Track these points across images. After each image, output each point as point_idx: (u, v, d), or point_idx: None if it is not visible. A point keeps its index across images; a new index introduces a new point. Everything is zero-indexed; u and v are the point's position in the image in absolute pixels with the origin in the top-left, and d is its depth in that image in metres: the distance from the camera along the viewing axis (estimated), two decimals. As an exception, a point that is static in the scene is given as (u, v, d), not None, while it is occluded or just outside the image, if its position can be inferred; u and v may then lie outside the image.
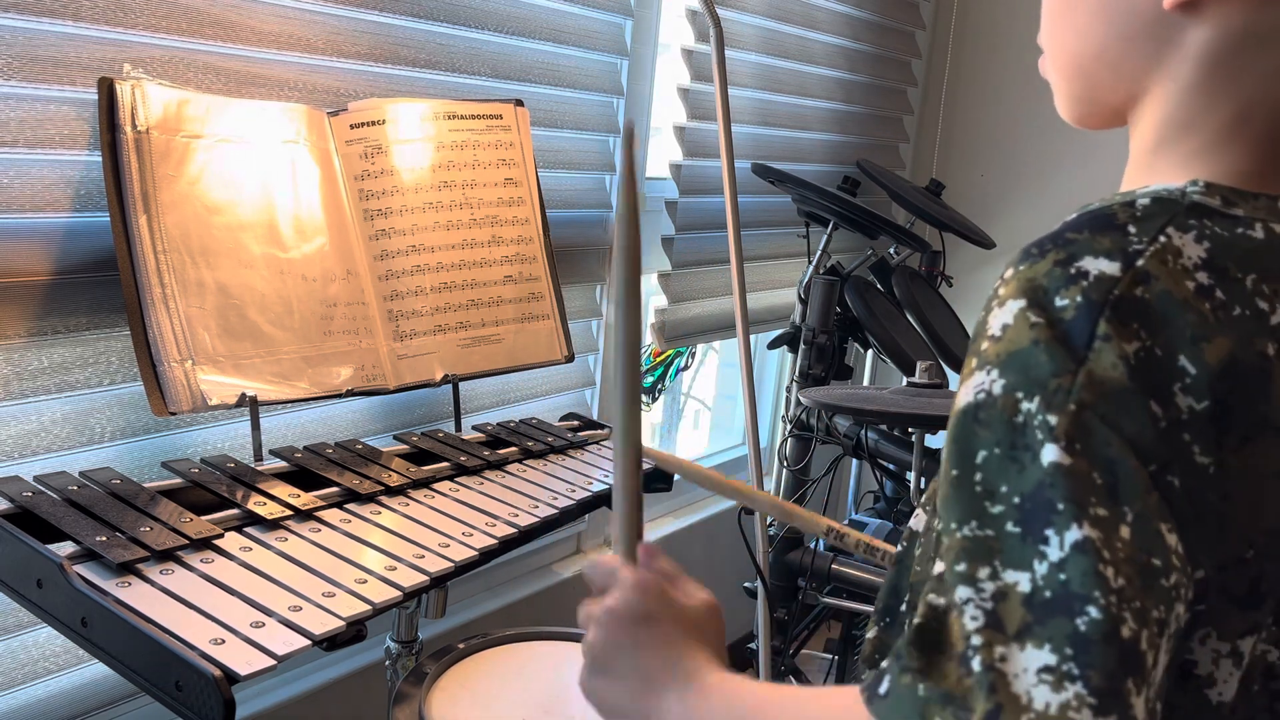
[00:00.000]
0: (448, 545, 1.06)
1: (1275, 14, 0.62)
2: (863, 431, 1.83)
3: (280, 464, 1.18)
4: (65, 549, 0.90)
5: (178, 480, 1.09)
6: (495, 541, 1.10)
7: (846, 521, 2.02)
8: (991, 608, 0.51)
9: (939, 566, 0.55)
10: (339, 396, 1.24)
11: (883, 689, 0.53)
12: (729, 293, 2.14)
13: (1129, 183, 0.68)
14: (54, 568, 0.85)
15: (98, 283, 1.14)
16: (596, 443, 1.46)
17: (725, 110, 1.75)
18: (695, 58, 1.98)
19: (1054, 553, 0.51)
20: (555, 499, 1.23)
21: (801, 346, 2.01)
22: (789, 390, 2.07)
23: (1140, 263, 0.56)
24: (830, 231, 2.07)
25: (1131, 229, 0.59)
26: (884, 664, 0.54)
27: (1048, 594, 0.50)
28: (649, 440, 2.59)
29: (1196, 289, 0.57)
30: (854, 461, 2.46)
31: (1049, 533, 0.51)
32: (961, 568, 0.53)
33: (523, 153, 1.47)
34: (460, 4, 1.51)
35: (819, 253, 2.08)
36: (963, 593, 0.52)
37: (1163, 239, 0.58)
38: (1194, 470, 0.54)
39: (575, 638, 1.29)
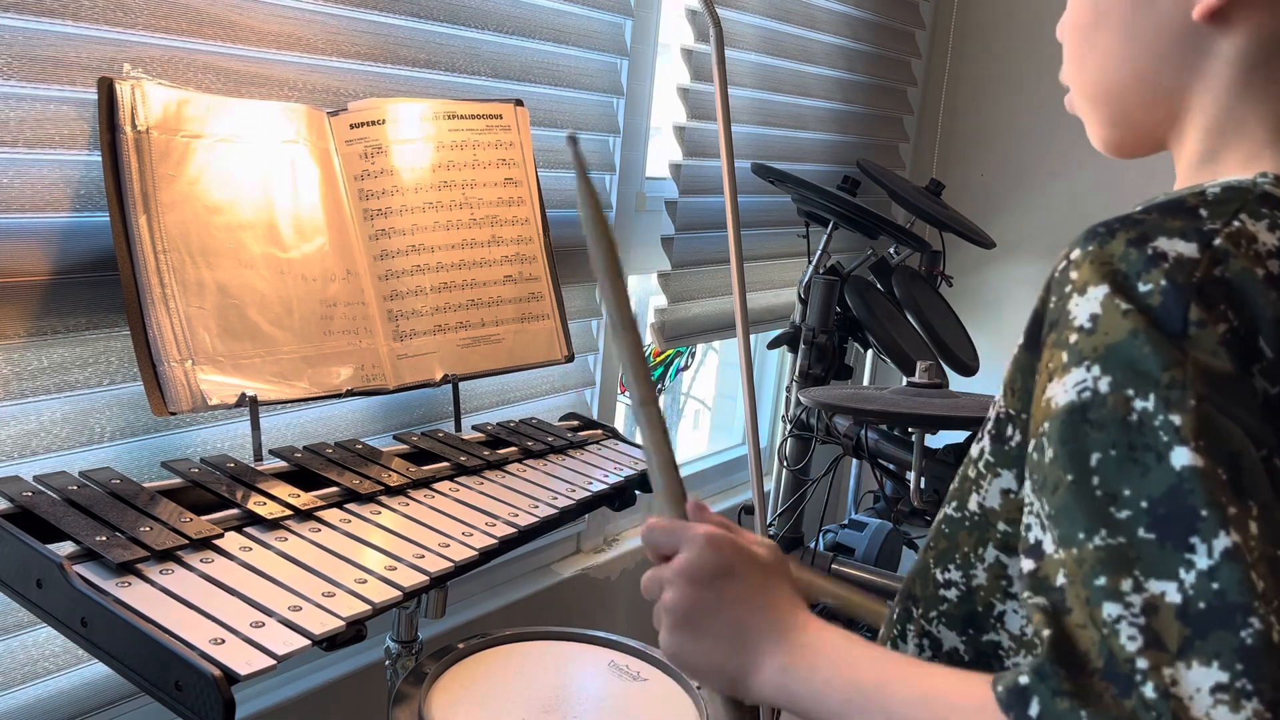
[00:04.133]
0: (448, 545, 1.06)
1: None
2: (863, 431, 1.83)
3: (280, 464, 1.18)
4: (65, 549, 0.90)
5: (178, 480, 1.09)
6: (495, 541, 1.10)
7: (847, 521, 2.02)
8: (1145, 623, 0.50)
9: (1060, 578, 0.53)
10: (339, 396, 1.24)
11: (1033, 711, 0.51)
12: (729, 293, 2.14)
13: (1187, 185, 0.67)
14: (54, 568, 0.85)
15: (98, 283, 1.14)
16: (596, 443, 1.46)
17: (725, 110, 1.75)
18: (695, 58, 1.98)
19: (1202, 561, 0.49)
20: (555, 499, 1.23)
21: (801, 346, 2.01)
22: (789, 390, 2.07)
23: (1217, 242, 0.56)
24: (830, 231, 2.07)
25: (1203, 212, 0.59)
26: (1023, 679, 0.52)
27: (1202, 605, 0.49)
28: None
29: (1267, 276, 0.56)
30: (854, 461, 2.46)
31: (1194, 540, 0.50)
32: (1102, 582, 0.51)
33: (523, 153, 1.47)
34: (460, 4, 1.51)
35: (819, 253, 2.08)
36: (1111, 610, 0.51)
37: (1236, 224, 0.58)
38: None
39: (575, 638, 1.29)
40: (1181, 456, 0.51)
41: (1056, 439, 0.56)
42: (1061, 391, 0.56)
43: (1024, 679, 0.52)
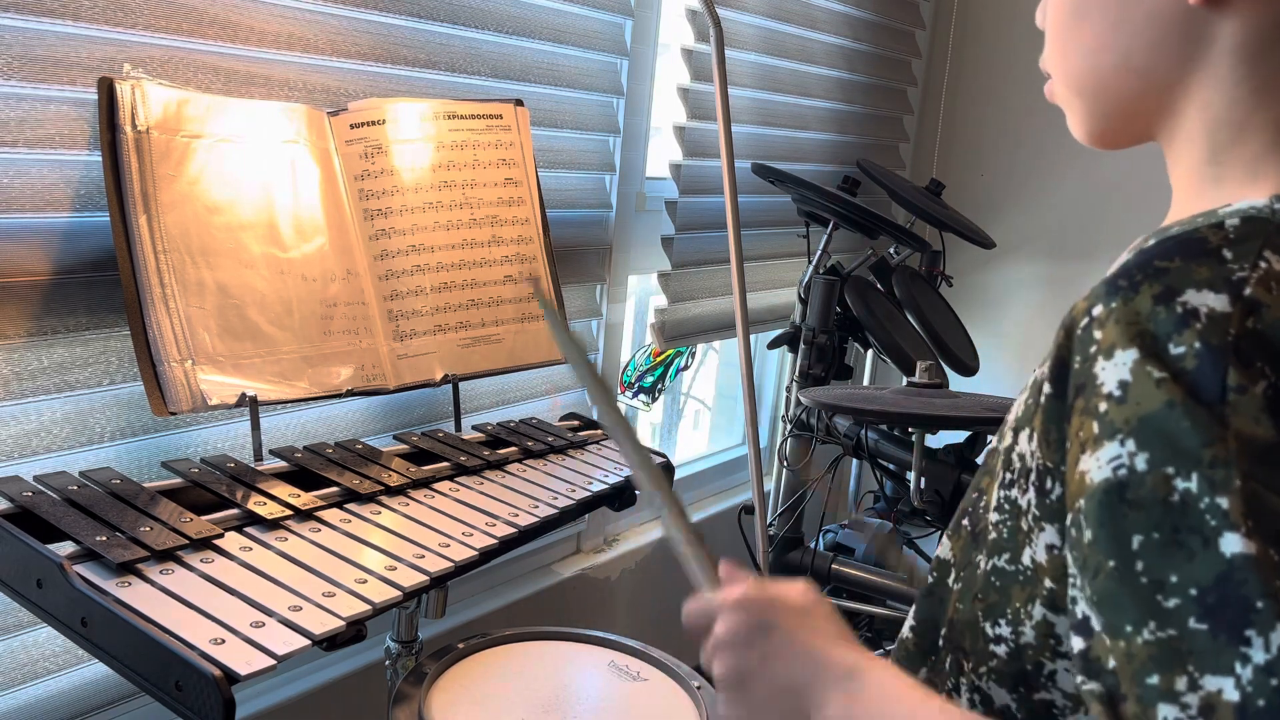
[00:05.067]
0: (448, 545, 1.06)
1: None
2: (863, 431, 1.83)
3: (280, 464, 1.18)
4: (65, 549, 0.90)
5: (178, 480, 1.09)
6: (495, 541, 1.10)
7: (846, 521, 2.02)
8: None
9: (1110, 662, 0.51)
10: (339, 396, 1.24)
11: None
12: (729, 293, 2.14)
13: (1191, 196, 0.64)
14: (54, 568, 0.85)
15: (98, 283, 1.14)
16: (596, 443, 1.46)
17: (725, 110, 1.75)
18: (695, 58, 1.98)
19: (1259, 655, 0.47)
20: (555, 499, 1.23)
21: (801, 346, 2.01)
22: (789, 390, 2.07)
23: (1248, 291, 0.53)
24: (830, 231, 2.07)
25: (1227, 253, 0.55)
26: None
27: (1261, 703, 0.46)
28: (651, 440, 2.59)
29: None
30: (854, 461, 2.46)
31: (1249, 633, 0.47)
32: (1154, 680, 0.49)
33: (523, 153, 1.47)
34: (460, 4, 1.51)
35: (819, 253, 2.08)
36: (1166, 712, 0.48)
37: (1263, 264, 0.54)
38: None
39: (575, 638, 1.29)
40: (1232, 544, 0.48)
41: (1095, 520, 0.53)
42: (1096, 467, 0.53)
43: None
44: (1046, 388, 0.60)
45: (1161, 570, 0.50)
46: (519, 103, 1.49)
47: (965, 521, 0.71)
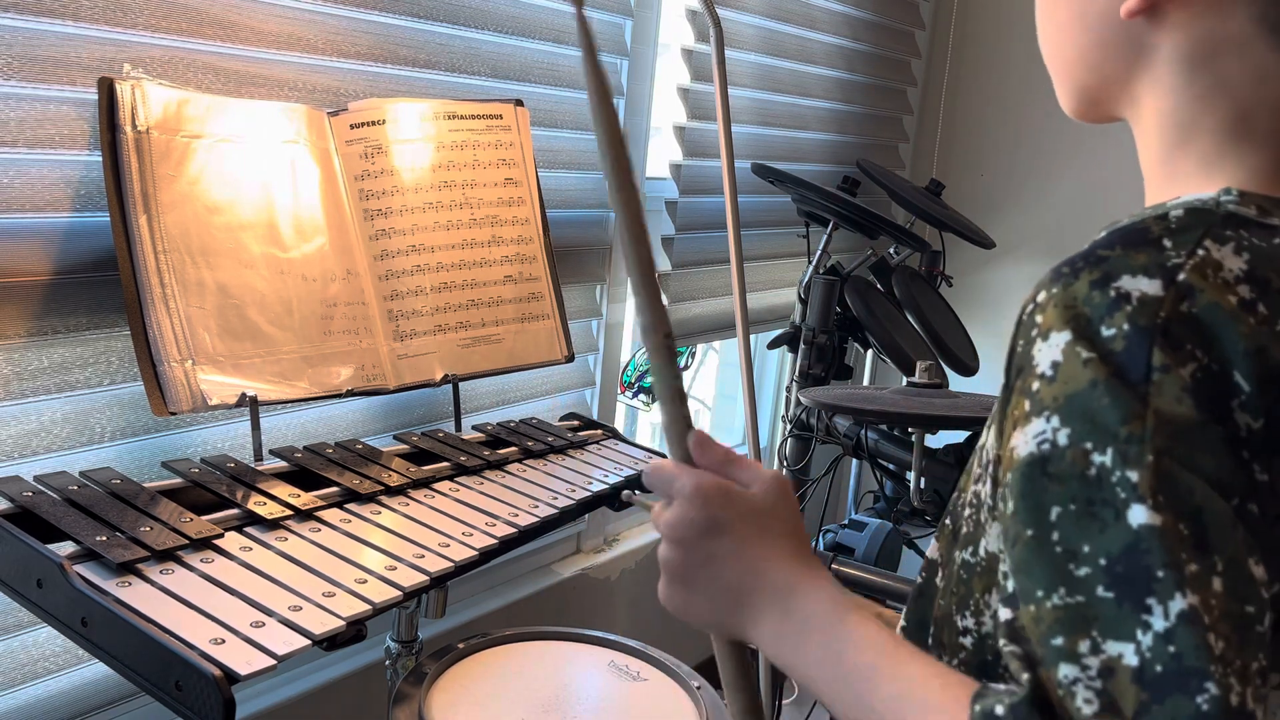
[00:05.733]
0: (448, 545, 1.06)
1: (1240, 21, 0.61)
2: (863, 431, 1.83)
3: (280, 464, 1.18)
4: (65, 549, 0.90)
5: (178, 480, 1.09)
6: (495, 541, 1.10)
7: (846, 521, 2.02)
8: (1101, 686, 0.49)
9: (1033, 639, 0.53)
10: (339, 396, 1.24)
11: None
12: (729, 293, 2.14)
13: (1153, 187, 0.67)
14: (54, 568, 0.85)
15: (98, 283, 1.14)
16: (596, 443, 1.46)
17: (725, 110, 1.75)
18: (695, 58, 1.98)
19: (1158, 623, 0.49)
20: (555, 499, 1.23)
21: (801, 346, 2.01)
22: (789, 390, 2.07)
23: (1181, 277, 0.54)
24: (830, 231, 2.07)
25: (1167, 242, 0.57)
26: (999, 710, 0.52)
27: (1158, 669, 0.48)
28: (650, 440, 2.59)
29: (1239, 303, 0.54)
30: (854, 461, 2.46)
31: (1150, 601, 0.49)
32: (1059, 642, 0.51)
33: (523, 153, 1.47)
34: (460, 4, 1.51)
35: (819, 253, 2.08)
36: (1067, 671, 0.51)
37: (1201, 252, 0.56)
38: (1257, 490, 0.52)
39: (575, 638, 1.29)
40: (1139, 514, 0.50)
41: (1017, 492, 0.55)
42: (1023, 442, 0.55)
43: (1000, 710, 0.52)
44: (1001, 378, 0.62)
45: (1075, 540, 0.52)
46: (519, 103, 1.49)
47: (948, 520, 0.72)
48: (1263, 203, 0.60)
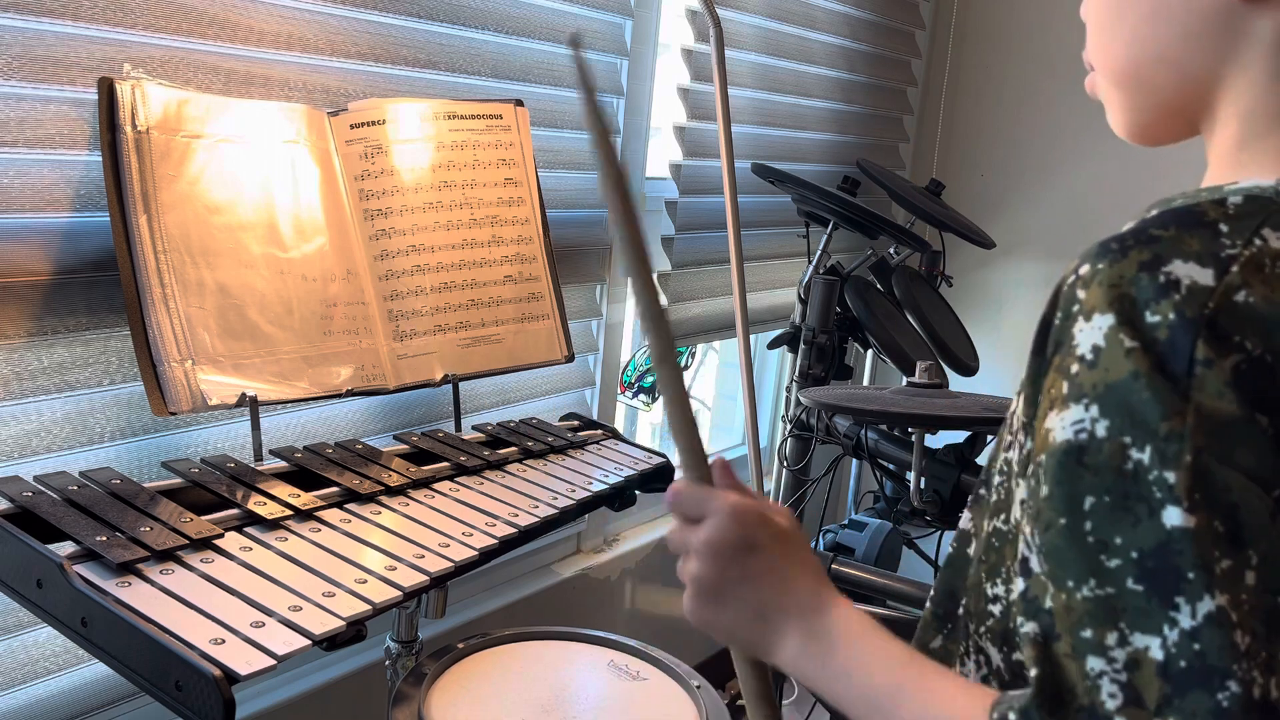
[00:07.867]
0: (448, 545, 1.06)
1: None
2: (863, 431, 1.83)
3: (280, 464, 1.18)
4: (65, 549, 0.90)
5: (178, 480, 1.09)
6: (495, 541, 1.10)
7: (846, 521, 2.02)
8: (1127, 679, 0.50)
9: (1048, 600, 0.53)
10: (339, 396, 1.24)
11: None
12: (729, 293, 2.14)
13: (1216, 179, 0.65)
14: (54, 568, 0.85)
15: (98, 283, 1.14)
16: (596, 443, 1.46)
17: (725, 110, 1.75)
18: (695, 58, 1.98)
19: (1185, 620, 0.49)
20: (555, 499, 1.23)
21: (801, 346, 2.01)
22: (789, 390, 2.07)
23: (1235, 269, 0.54)
24: (830, 231, 2.07)
25: (1224, 227, 0.56)
26: (1011, 716, 0.53)
27: (1183, 664, 0.49)
28: (651, 440, 2.59)
29: None
30: (854, 461, 2.46)
31: (1179, 600, 0.50)
32: (1088, 634, 0.52)
33: (523, 153, 1.47)
34: (460, 4, 1.51)
35: (819, 253, 2.08)
36: (1094, 664, 0.51)
37: (1258, 242, 0.55)
38: None
39: (575, 637, 1.29)
40: (1173, 516, 0.50)
41: (1052, 478, 0.55)
42: (1060, 427, 0.55)
43: (1011, 716, 0.53)
44: (1031, 346, 0.62)
45: (1108, 532, 0.52)
46: (519, 103, 1.49)
47: (982, 490, 0.72)
48: None
